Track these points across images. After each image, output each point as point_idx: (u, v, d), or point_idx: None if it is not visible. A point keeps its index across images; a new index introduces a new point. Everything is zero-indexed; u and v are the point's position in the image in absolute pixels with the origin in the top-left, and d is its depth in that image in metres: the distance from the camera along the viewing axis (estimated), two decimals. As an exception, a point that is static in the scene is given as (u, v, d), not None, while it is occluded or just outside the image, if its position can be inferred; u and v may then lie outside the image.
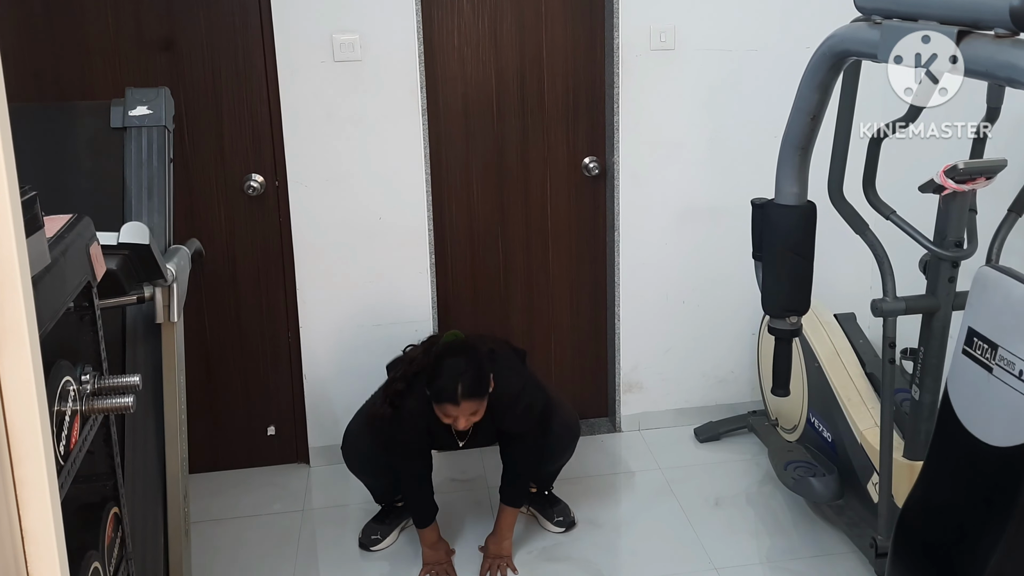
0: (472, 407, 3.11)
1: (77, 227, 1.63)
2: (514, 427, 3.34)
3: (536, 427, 3.36)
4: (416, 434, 3.28)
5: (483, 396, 3.13)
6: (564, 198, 4.22)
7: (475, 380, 3.10)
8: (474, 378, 3.10)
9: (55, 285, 1.41)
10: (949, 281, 2.86)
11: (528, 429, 3.34)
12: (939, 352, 2.92)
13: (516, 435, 3.36)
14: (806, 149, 2.64)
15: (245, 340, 4.07)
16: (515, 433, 3.36)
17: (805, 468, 3.63)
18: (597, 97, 4.13)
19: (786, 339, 2.91)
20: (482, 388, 3.12)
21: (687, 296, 4.31)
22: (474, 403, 3.10)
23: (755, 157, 3.97)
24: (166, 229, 2.81)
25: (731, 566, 3.39)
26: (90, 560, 1.53)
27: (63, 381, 1.39)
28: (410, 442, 3.30)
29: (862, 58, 2.44)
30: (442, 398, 3.08)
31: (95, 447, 1.65)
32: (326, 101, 3.81)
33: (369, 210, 3.94)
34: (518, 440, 3.37)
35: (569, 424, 3.56)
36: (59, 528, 1.11)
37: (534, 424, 3.35)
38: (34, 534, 1.08)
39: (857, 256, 3.58)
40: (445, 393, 3.07)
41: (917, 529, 2.32)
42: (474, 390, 3.09)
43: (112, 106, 2.87)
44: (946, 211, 2.82)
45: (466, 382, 3.08)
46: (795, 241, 2.71)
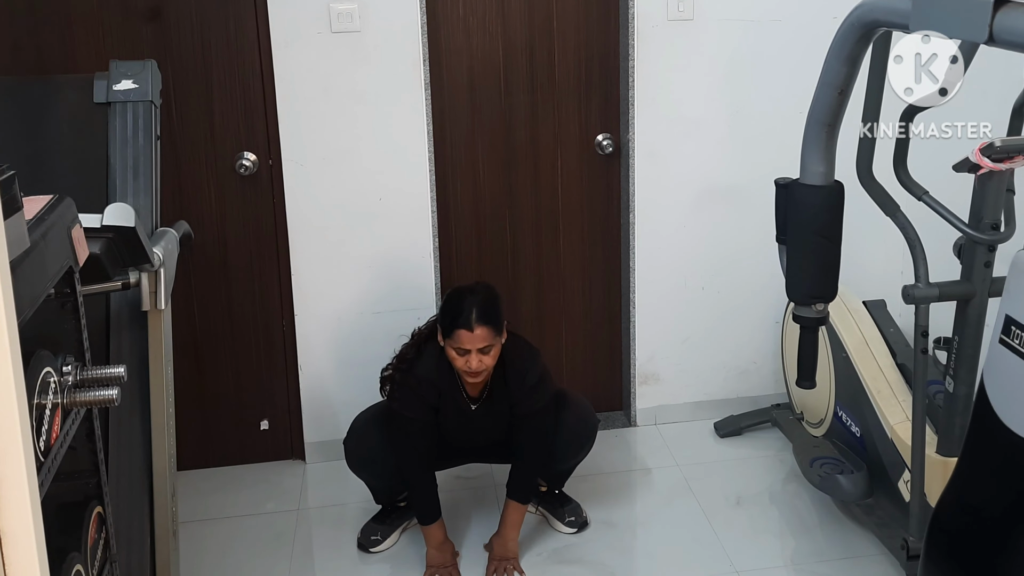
0: (486, 336, 3.17)
1: (58, 209, 1.63)
2: (525, 403, 3.36)
3: (548, 406, 3.40)
4: (424, 406, 3.33)
5: (498, 328, 3.21)
6: (576, 177, 4.22)
7: (489, 306, 3.21)
8: (488, 304, 3.22)
9: (35, 270, 1.42)
10: (985, 266, 2.86)
11: (540, 407, 3.37)
12: (974, 341, 2.91)
13: (527, 415, 3.37)
14: (833, 126, 2.63)
15: (237, 329, 4.08)
16: (526, 413, 3.37)
17: (832, 465, 3.63)
18: (611, 70, 4.12)
19: (812, 328, 2.90)
20: (496, 318, 3.21)
21: (706, 282, 4.30)
22: (488, 332, 3.18)
23: (779, 134, 3.95)
24: (153, 211, 2.81)
25: (753, 569, 3.39)
26: (72, 563, 1.53)
27: (43, 372, 1.39)
28: (416, 418, 3.33)
29: (892, 29, 2.43)
30: (457, 323, 3.17)
31: (77, 442, 1.66)
32: (323, 75, 3.80)
33: (369, 191, 3.94)
34: (528, 422, 3.38)
35: (585, 418, 3.57)
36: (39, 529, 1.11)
37: (547, 402, 3.39)
38: (12, 535, 1.08)
39: (887, 239, 3.57)
40: (460, 318, 3.16)
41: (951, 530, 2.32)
42: (489, 317, 3.18)
43: (95, 80, 2.86)
44: (982, 191, 2.81)
45: (480, 307, 3.18)
46: (822, 223, 2.71)
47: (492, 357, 3.23)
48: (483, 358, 3.19)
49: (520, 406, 3.37)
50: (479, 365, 3.19)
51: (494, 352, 3.23)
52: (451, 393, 3.35)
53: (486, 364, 3.21)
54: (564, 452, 3.54)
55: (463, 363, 3.20)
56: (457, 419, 3.40)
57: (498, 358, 3.27)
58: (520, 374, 3.35)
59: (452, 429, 3.43)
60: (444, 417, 3.39)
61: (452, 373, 3.32)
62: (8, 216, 1.28)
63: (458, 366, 3.23)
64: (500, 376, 3.36)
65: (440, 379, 3.32)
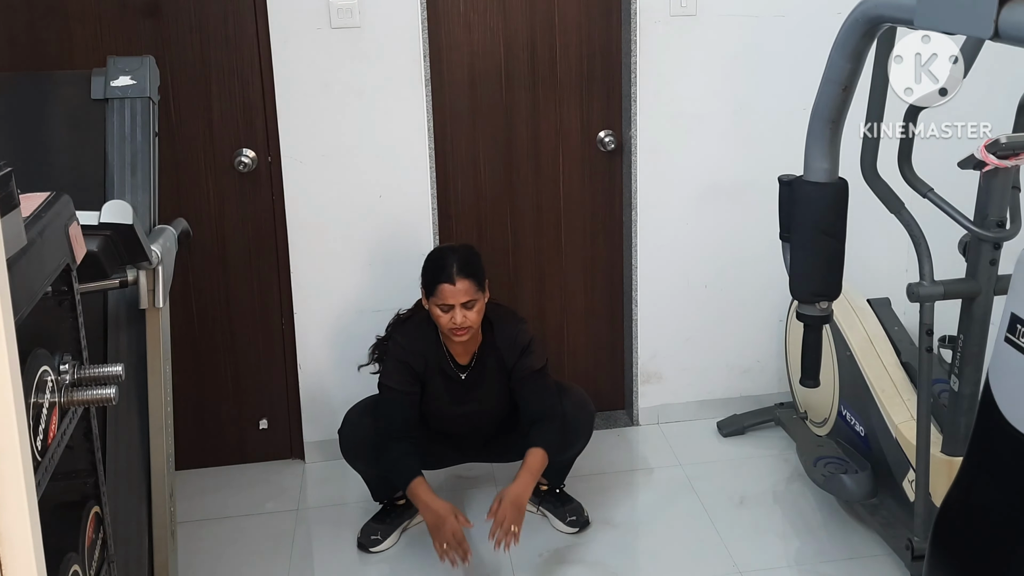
0: (469, 290, 3.24)
1: (55, 206, 1.63)
2: (523, 365, 3.41)
3: (546, 369, 3.46)
4: (407, 376, 3.38)
5: (480, 282, 3.29)
6: (577, 175, 4.22)
7: (469, 259, 3.31)
8: (469, 258, 3.31)
9: (32, 268, 1.42)
10: (991, 264, 2.85)
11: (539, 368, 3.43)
12: (980, 340, 2.91)
13: (526, 377, 3.42)
14: (837, 122, 2.62)
15: (236, 327, 4.08)
16: (525, 375, 3.42)
17: (836, 464, 3.63)
18: (613, 66, 4.12)
19: (816, 326, 2.89)
20: (478, 272, 3.30)
21: (710, 280, 4.30)
22: (471, 286, 3.25)
23: (782, 130, 3.95)
24: (151, 208, 2.82)
25: (756, 569, 3.39)
26: (69, 563, 1.53)
27: (40, 371, 1.39)
28: (398, 388, 3.37)
29: (897, 24, 2.43)
30: (439, 278, 3.25)
31: (75, 442, 1.66)
32: (322, 71, 3.80)
33: (369, 187, 3.94)
34: (529, 384, 3.42)
35: (583, 403, 3.58)
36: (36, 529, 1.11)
37: (544, 365, 3.45)
38: (9, 535, 1.08)
39: (892, 237, 3.57)
40: (443, 273, 3.24)
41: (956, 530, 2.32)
42: (470, 269, 3.27)
43: (93, 76, 2.86)
44: (987, 188, 2.81)
45: (460, 260, 3.27)
46: (826, 221, 2.70)
47: (477, 313, 3.28)
48: (467, 313, 3.25)
49: (517, 370, 3.41)
50: (464, 320, 3.24)
51: (478, 308, 3.28)
52: (437, 360, 3.39)
53: (471, 320, 3.26)
54: (567, 439, 3.53)
55: (448, 319, 3.25)
56: (448, 392, 3.42)
57: (484, 320, 3.35)
58: (510, 333, 3.41)
59: (445, 405, 3.45)
60: (434, 392, 3.42)
61: (437, 340, 3.40)
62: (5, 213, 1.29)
63: (443, 324, 3.27)
64: (489, 341, 3.42)
65: (425, 346, 3.38)
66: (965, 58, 2.76)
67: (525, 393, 3.43)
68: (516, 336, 3.41)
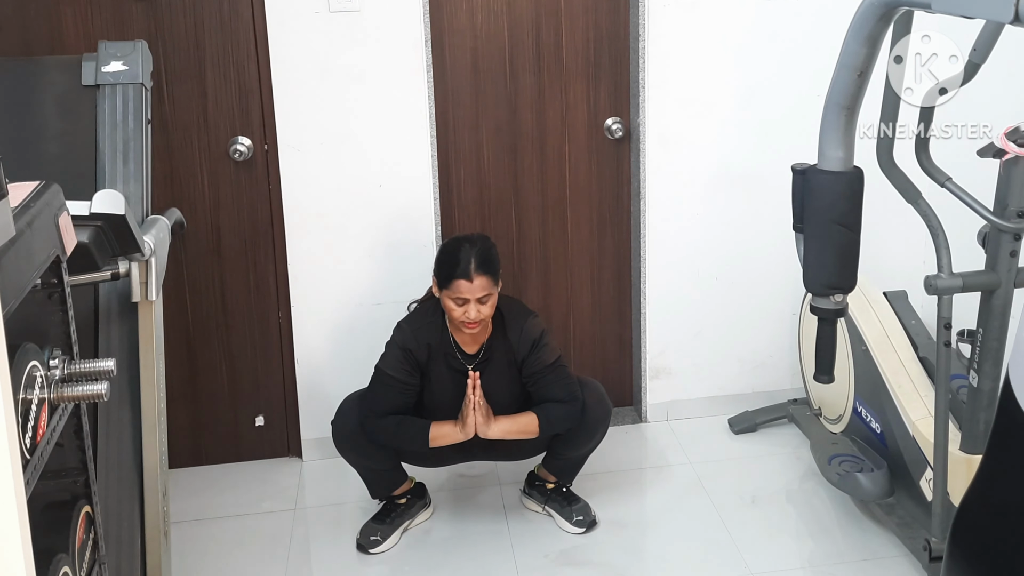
0: (485, 286, 3.27)
1: (45, 195, 1.63)
2: (535, 360, 3.42)
3: (560, 362, 3.47)
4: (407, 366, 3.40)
5: (496, 277, 3.32)
6: (584, 163, 4.22)
7: (487, 255, 3.32)
8: (487, 252, 3.33)
9: (20, 260, 1.42)
10: (1011, 255, 2.85)
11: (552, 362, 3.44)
12: (999, 334, 2.91)
13: (540, 372, 3.43)
14: (852, 109, 2.62)
15: (231, 321, 4.09)
16: (538, 369, 3.43)
17: (851, 462, 3.63)
18: (621, 51, 4.11)
19: (830, 320, 2.90)
20: (495, 267, 3.33)
21: (720, 272, 4.30)
22: (488, 282, 3.28)
23: (796, 118, 3.95)
24: (143, 198, 2.82)
25: (769, 571, 3.39)
26: (59, 564, 1.53)
27: (29, 366, 1.40)
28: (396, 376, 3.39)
29: (913, 8, 2.42)
30: (455, 273, 3.26)
31: (65, 439, 1.66)
32: (320, 56, 3.80)
33: (368, 177, 3.94)
34: (543, 377, 3.44)
35: (601, 398, 3.57)
36: (25, 529, 1.11)
37: (557, 359, 3.46)
38: (-3, 535, 1.09)
39: (909, 228, 3.56)
40: (459, 268, 3.26)
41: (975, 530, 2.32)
42: (488, 265, 3.30)
43: (83, 61, 2.87)
44: (1007, 178, 2.81)
45: (479, 256, 3.29)
46: (840, 211, 2.70)
47: (490, 307, 3.31)
48: (481, 308, 3.28)
49: (531, 365, 3.43)
50: (478, 315, 3.27)
51: (492, 302, 3.31)
52: (443, 351, 3.41)
53: (484, 314, 3.29)
54: (579, 436, 3.53)
55: (461, 313, 3.27)
56: (454, 384, 3.42)
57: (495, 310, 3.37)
58: (520, 325, 3.43)
59: (450, 398, 3.44)
60: (438, 384, 3.43)
61: (444, 330, 3.42)
62: (-8, 203, 1.29)
63: (455, 316, 3.30)
64: (500, 331, 3.44)
65: (431, 335, 3.40)
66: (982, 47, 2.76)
67: (543, 387, 3.45)
68: (526, 327, 3.43)
